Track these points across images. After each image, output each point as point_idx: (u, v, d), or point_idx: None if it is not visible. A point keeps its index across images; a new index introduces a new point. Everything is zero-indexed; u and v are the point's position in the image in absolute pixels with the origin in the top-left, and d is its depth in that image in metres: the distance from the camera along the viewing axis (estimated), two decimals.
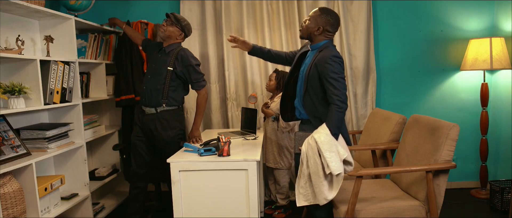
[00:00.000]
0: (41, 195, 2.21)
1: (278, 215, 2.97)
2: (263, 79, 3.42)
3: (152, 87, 2.53)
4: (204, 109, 2.66)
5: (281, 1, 3.32)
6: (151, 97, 2.53)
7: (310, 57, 2.19)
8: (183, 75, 2.55)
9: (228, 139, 2.15)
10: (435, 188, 2.02)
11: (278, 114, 2.79)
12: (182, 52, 2.55)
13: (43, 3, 2.39)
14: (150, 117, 2.56)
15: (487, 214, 2.93)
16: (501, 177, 3.30)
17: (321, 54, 2.09)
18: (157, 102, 2.53)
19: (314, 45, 2.20)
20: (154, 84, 2.53)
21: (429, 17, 3.39)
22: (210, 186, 2.10)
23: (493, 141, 3.38)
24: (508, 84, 3.19)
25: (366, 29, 3.32)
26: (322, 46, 2.15)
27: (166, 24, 2.57)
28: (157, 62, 2.59)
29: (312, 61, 2.12)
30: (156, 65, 2.58)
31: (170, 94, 2.55)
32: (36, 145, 2.35)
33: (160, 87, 2.52)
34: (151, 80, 2.56)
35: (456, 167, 2.04)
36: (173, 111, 2.59)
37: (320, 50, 2.13)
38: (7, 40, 2.36)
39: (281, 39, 3.35)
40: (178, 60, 2.53)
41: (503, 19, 3.24)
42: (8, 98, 2.10)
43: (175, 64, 2.52)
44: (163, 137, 2.54)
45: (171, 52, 2.57)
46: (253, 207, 2.09)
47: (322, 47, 2.14)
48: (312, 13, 2.18)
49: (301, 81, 2.20)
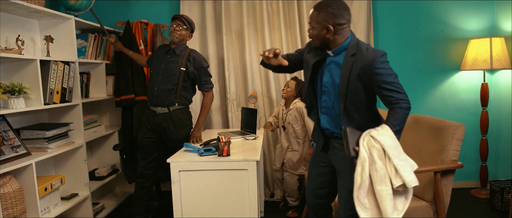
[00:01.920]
0: (41, 195, 2.21)
1: (292, 214, 2.97)
2: (263, 79, 3.42)
3: (165, 88, 2.56)
4: (208, 110, 2.73)
5: (281, 1, 3.32)
6: (163, 97, 2.56)
7: (335, 65, 1.75)
8: (194, 76, 2.60)
9: (228, 139, 2.15)
10: (442, 188, 2.02)
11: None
12: (194, 54, 2.61)
13: (43, 3, 2.39)
14: (163, 117, 2.58)
15: (487, 214, 2.93)
16: (501, 177, 3.30)
17: (359, 59, 1.66)
18: (170, 102, 2.57)
19: (336, 50, 1.73)
20: (167, 84, 2.56)
21: (429, 17, 3.38)
22: (210, 186, 2.10)
23: (493, 141, 3.38)
24: (508, 84, 3.19)
25: (366, 29, 3.32)
26: (349, 46, 1.70)
27: (179, 28, 2.56)
28: (167, 63, 2.59)
29: (347, 71, 1.68)
30: (167, 66, 2.58)
31: (182, 94, 2.60)
32: (36, 145, 2.35)
33: (173, 87, 2.56)
34: (162, 80, 2.57)
35: (463, 167, 2.05)
36: (184, 110, 2.65)
37: (352, 54, 1.68)
38: (7, 40, 2.36)
39: (281, 39, 3.35)
40: (190, 61, 2.58)
41: (503, 19, 3.24)
42: (8, 98, 2.10)
43: (187, 65, 2.57)
44: (176, 136, 2.58)
45: (182, 53, 2.59)
46: (253, 207, 2.09)
47: (351, 48, 1.70)
48: (310, 18, 1.74)
49: (330, 96, 1.78)
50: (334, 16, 1.66)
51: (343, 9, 1.68)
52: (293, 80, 2.94)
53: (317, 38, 1.72)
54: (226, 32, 3.34)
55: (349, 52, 1.69)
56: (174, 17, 2.60)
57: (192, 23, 2.64)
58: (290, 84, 2.92)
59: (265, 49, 2.20)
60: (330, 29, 1.67)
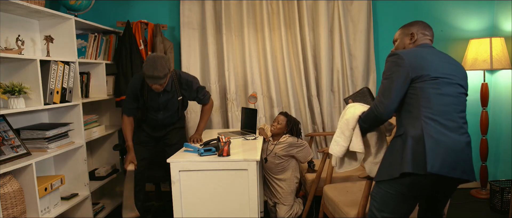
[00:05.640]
0: (41, 195, 2.21)
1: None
2: (263, 79, 3.42)
3: (167, 115, 2.65)
4: (209, 116, 2.81)
5: (281, 1, 3.32)
6: (167, 123, 2.69)
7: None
8: (191, 96, 2.68)
9: (228, 139, 2.15)
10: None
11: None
12: (181, 76, 2.59)
13: (43, 3, 2.39)
14: (165, 131, 2.74)
15: (487, 214, 2.93)
16: (501, 177, 3.30)
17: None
18: (172, 122, 2.74)
19: None
20: (169, 112, 2.65)
21: (429, 17, 3.38)
22: (210, 186, 2.10)
23: (493, 141, 3.38)
24: (508, 84, 3.19)
25: (366, 29, 3.32)
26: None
27: (160, 86, 2.34)
28: (162, 99, 2.56)
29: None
30: (164, 103, 2.58)
31: (182, 111, 2.77)
32: (36, 145, 2.35)
33: (174, 113, 2.68)
34: (164, 114, 2.64)
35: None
36: (182, 118, 2.84)
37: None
38: (7, 40, 2.36)
39: (281, 39, 3.35)
40: (183, 87, 2.61)
41: (503, 19, 3.24)
42: (8, 98, 2.09)
43: (182, 92, 2.63)
44: (173, 142, 2.70)
45: (173, 86, 2.56)
46: (253, 207, 2.08)
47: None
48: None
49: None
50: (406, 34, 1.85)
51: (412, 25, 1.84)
52: (283, 116, 2.82)
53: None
54: (226, 32, 3.34)
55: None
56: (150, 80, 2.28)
57: (169, 68, 2.33)
58: (280, 120, 2.80)
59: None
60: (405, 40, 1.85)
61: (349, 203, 2.14)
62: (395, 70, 1.63)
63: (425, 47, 1.75)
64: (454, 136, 1.56)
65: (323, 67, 3.36)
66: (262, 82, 3.42)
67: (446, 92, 1.60)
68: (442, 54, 1.73)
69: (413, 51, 1.70)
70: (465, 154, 1.58)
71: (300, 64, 3.35)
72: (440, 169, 1.51)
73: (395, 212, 1.68)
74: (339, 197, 2.27)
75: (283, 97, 3.45)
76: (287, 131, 2.80)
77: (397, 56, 1.64)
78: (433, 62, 1.64)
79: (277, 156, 2.75)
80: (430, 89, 1.59)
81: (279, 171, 2.78)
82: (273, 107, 3.42)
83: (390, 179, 1.64)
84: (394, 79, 1.62)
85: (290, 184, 2.78)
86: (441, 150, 1.52)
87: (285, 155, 2.75)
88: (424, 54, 1.67)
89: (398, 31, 1.88)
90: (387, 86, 1.64)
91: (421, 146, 1.53)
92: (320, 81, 3.41)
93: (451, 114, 1.59)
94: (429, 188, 1.65)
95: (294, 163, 2.82)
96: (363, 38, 3.32)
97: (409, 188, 1.61)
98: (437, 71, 1.61)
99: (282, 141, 2.77)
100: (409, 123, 1.60)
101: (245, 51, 3.36)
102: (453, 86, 1.63)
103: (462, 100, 1.67)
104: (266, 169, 2.85)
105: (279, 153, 2.75)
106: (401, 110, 1.67)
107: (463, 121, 1.63)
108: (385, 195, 1.68)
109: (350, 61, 3.38)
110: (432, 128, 1.55)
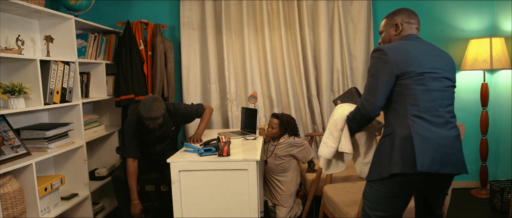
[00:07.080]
0: (41, 195, 2.21)
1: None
2: (263, 79, 3.42)
3: (163, 145, 2.75)
4: (209, 120, 2.85)
5: (281, 1, 3.32)
6: (163, 149, 2.76)
7: None
8: (189, 120, 2.83)
9: (228, 139, 2.15)
10: None
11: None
12: (171, 111, 2.67)
13: (43, 3, 2.39)
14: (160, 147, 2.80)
15: (487, 214, 2.93)
16: (501, 177, 3.30)
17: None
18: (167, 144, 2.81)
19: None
20: (164, 142, 2.75)
21: (429, 17, 3.38)
22: (210, 186, 2.10)
23: (493, 141, 3.38)
24: (508, 84, 3.19)
25: (366, 29, 3.32)
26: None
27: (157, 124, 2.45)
28: (157, 132, 2.61)
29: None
30: (158, 136, 2.65)
31: (176, 136, 2.92)
32: (36, 145, 2.35)
33: (169, 141, 2.80)
34: (160, 145, 2.72)
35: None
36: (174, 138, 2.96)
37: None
38: (7, 40, 2.36)
39: (281, 39, 3.35)
40: (173, 118, 2.70)
41: (503, 19, 3.24)
42: (8, 98, 2.10)
43: (173, 123, 2.70)
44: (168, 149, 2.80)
45: (164, 120, 2.55)
46: (253, 207, 2.09)
47: None
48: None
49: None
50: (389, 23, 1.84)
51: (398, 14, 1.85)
52: (275, 119, 2.77)
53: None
54: (226, 32, 3.34)
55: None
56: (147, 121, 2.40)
57: (163, 108, 2.43)
58: (274, 124, 2.76)
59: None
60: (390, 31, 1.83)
61: (349, 203, 2.14)
62: (380, 66, 1.60)
63: (410, 39, 1.71)
64: (442, 132, 1.54)
65: (323, 67, 3.36)
66: (262, 82, 3.42)
67: (433, 87, 1.58)
68: (428, 46, 1.70)
69: (398, 45, 1.66)
70: (454, 149, 1.56)
71: (300, 64, 3.35)
72: (430, 166, 1.50)
73: (388, 210, 1.67)
74: (339, 197, 2.27)
75: (283, 97, 3.46)
76: (282, 133, 2.79)
77: (381, 52, 1.61)
78: (418, 56, 1.61)
79: (278, 156, 2.75)
80: (416, 86, 1.57)
81: (280, 171, 2.77)
82: (273, 107, 3.42)
83: (380, 179, 1.64)
84: (380, 76, 1.59)
85: (290, 186, 2.77)
86: (430, 147, 1.51)
87: (285, 155, 2.75)
88: (408, 48, 1.63)
89: (383, 21, 1.83)
90: (372, 84, 1.61)
91: (409, 145, 1.52)
92: (320, 81, 3.41)
93: (438, 109, 1.57)
94: (421, 186, 1.65)
95: (295, 164, 2.82)
96: (363, 38, 3.32)
97: (400, 187, 1.61)
98: (422, 66, 1.58)
99: (281, 142, 2.77)
100: (396, 122, 1.59)
101: (245, 51, 3.36)
102: (440, 81, 1.60)
103: (449, 94, 1.64)
104: (267, 169, 2.85)
105: (279, 154, 2.75)
106: (388, 108, 1.65)
107: (451, 115, 1.62)
108: (377, 194, 1.67)
109: (350, 61, 3.38)
110: (420, 126, 1.53)
